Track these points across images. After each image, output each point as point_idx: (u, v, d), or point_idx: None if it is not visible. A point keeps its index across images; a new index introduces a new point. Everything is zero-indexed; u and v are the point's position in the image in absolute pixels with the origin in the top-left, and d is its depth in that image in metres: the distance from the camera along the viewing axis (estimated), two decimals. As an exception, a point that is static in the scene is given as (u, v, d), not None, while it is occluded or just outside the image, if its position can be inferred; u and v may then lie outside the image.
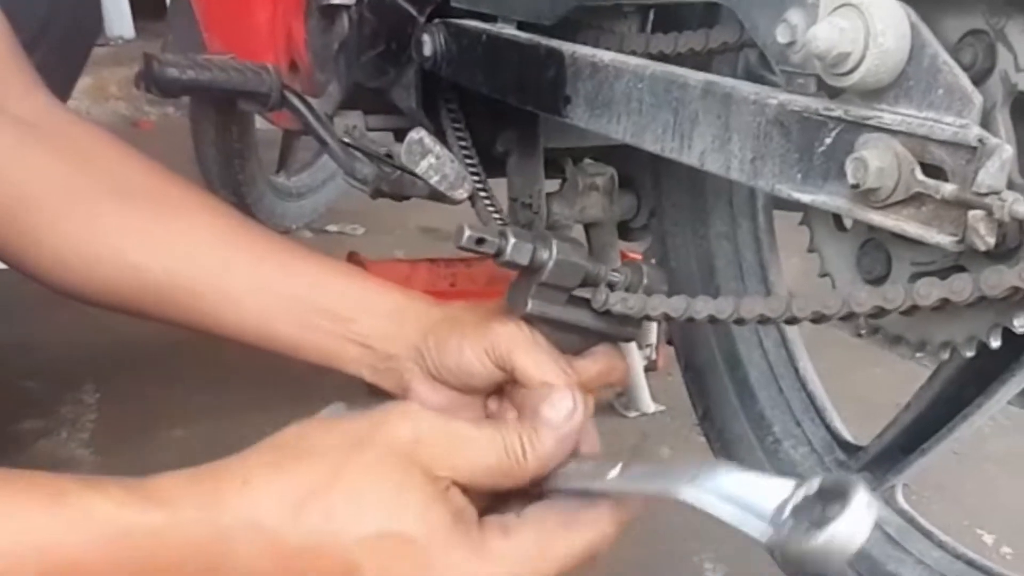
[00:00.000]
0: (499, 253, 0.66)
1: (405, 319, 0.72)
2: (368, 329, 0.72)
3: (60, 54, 0.91)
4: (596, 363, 0.72)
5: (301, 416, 0.58)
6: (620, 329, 0.72)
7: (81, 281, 0.74)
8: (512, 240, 0.65)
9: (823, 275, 0.62)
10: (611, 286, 0.70)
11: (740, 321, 0.61)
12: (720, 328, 0.82)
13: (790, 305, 0.57)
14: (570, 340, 0.71)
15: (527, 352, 0.67)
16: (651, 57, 0.71)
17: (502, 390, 0.72)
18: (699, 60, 0.68)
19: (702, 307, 0.63)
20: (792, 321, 0.58)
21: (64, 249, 0.73)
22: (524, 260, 0.65)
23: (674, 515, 1.23)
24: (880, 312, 0.51)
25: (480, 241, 0.64)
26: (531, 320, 0.69)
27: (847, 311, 0.53)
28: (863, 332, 1.86)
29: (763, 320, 0.60)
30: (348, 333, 0.73)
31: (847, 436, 0.75)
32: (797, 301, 0.57)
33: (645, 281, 0.70)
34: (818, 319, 0.56)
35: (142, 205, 0.75)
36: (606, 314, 0.70)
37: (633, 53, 0.72)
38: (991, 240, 0.45)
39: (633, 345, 1.41)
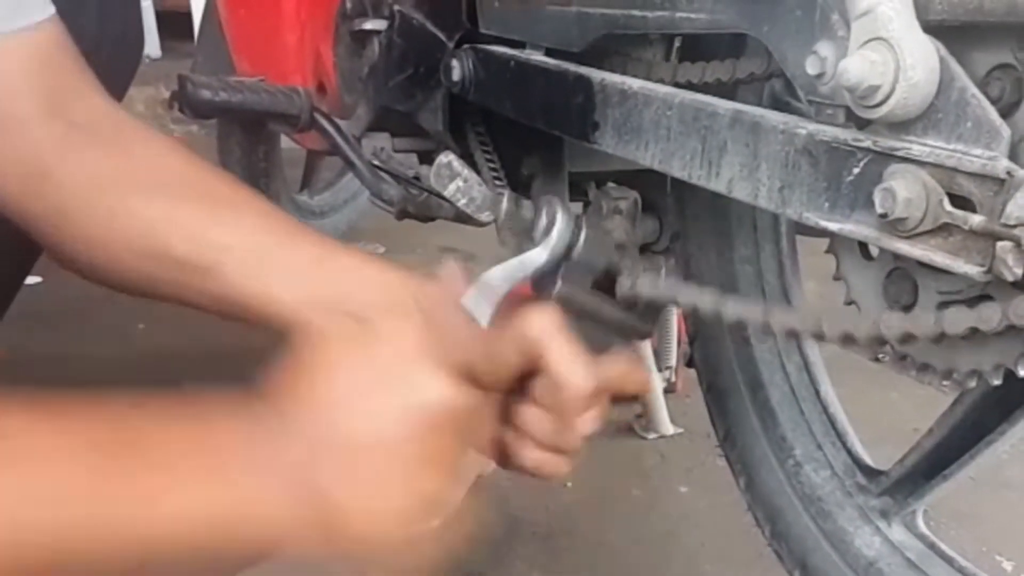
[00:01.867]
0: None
1: None
2: None
3: (107, 74, 0.93)
4: (617, 365, 0.72)
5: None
6: (639, 322, 0.73)
7: (131, 273, 0.77)
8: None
9: (849, 303, 0.63)
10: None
11: (767, 328, 0.61)
12: (742, 350, 0.83)
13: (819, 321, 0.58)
14: (590, 337, 0.72)
15: (555, 342, 0.66)
16: (678, 85, 0.72)
17: (520, 389, 0.72)
18: (725, 88, 0.69)
19: (732, 306, 0.63)
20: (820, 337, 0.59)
21: (116, 244, 0.76)
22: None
23: (693, 538, 1.23)
24: (909, 338, 0.52)
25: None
26: (559, 304, 0.69)
27: (876, 336, 0.54)
28: (880, 356, 1.85)
29: (792, 333, 0.60)
30: None
31: (868, 460, 0.76)
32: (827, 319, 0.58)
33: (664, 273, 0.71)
34: (847, 340, 0.57)
35: (190, 202, 0.77)
36: (627, 307, 0.70)
37: (660, 81, 0.73)
38: (1019, 271, 0.46)
39: (653, 368, 1.42)
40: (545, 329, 0.67)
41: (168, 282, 0.77)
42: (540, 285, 0.69)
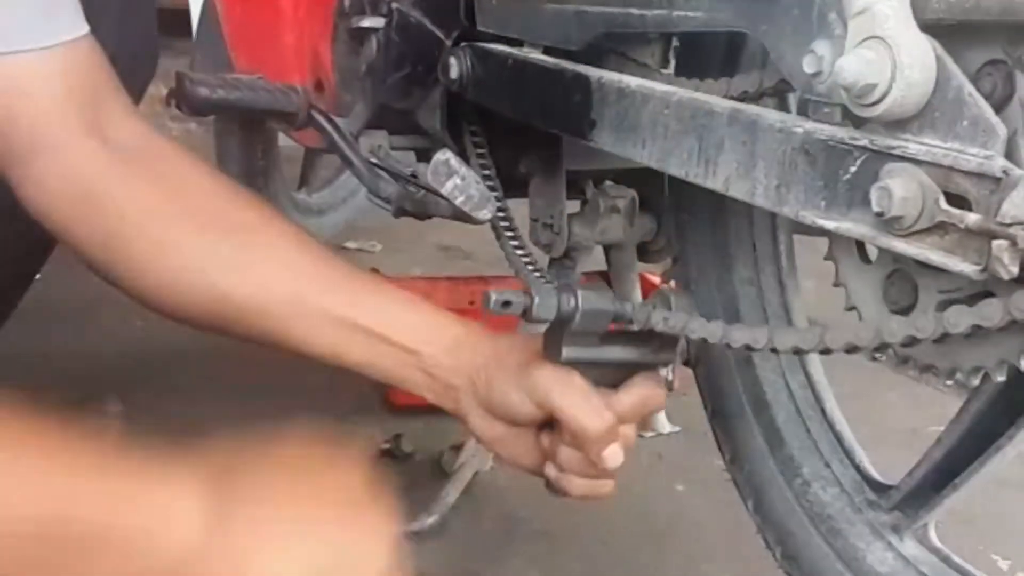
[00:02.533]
0: (526, 312, 0.70)
1: (461, 354, 0.78)
2: (431, 361, 0.78)
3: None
4: (632, 395, 0.75)
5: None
6: (656, 356, 0.74)
7: (175, 304, 0.80)
8: (536, 299, 0.69)
9: (849, 308, 0.63)
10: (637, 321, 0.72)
11: (773, 349, 0.62)
12: (746, 371, 0.83)
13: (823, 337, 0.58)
14: (608, 373, 0.73)
15: (562, 396, 0.72)
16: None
17: (553, 423, 0.75)
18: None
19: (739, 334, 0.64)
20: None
21: (163, 276, 0.79)
22: (550, 316, 0.70)
23: (691, 537, 1.23)
24: (912, 341, 0.52)
25: (506, 304, 0.69)
26: (569, 364, 0.72)
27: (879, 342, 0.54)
28: (878, 356, 1.84)
29: (797, 351, 0.61)
30: (413, 363, 0.78)
31: (876, 476, 0.75)
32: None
33: (673, 304, 0.71)
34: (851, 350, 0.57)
35: (230, 237, 0.80)
36: (640, 344, 0.72)
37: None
38: (1015, 269, 0.46)
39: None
40: (551, 384, 0.72)
41: (213, 319, 0.80)
42: (547, 351, 0.73)
